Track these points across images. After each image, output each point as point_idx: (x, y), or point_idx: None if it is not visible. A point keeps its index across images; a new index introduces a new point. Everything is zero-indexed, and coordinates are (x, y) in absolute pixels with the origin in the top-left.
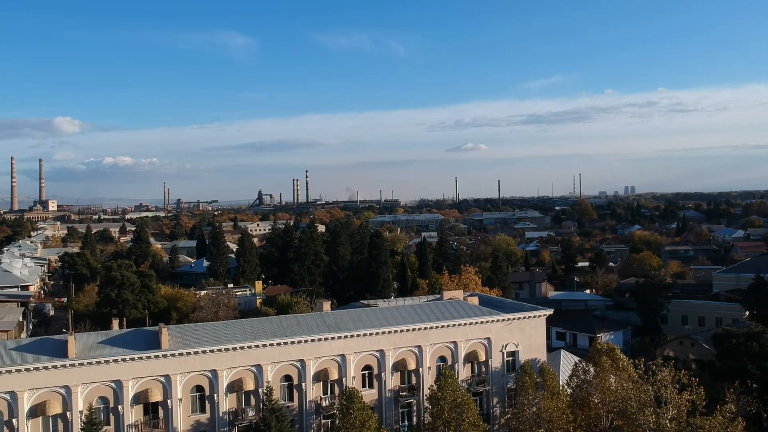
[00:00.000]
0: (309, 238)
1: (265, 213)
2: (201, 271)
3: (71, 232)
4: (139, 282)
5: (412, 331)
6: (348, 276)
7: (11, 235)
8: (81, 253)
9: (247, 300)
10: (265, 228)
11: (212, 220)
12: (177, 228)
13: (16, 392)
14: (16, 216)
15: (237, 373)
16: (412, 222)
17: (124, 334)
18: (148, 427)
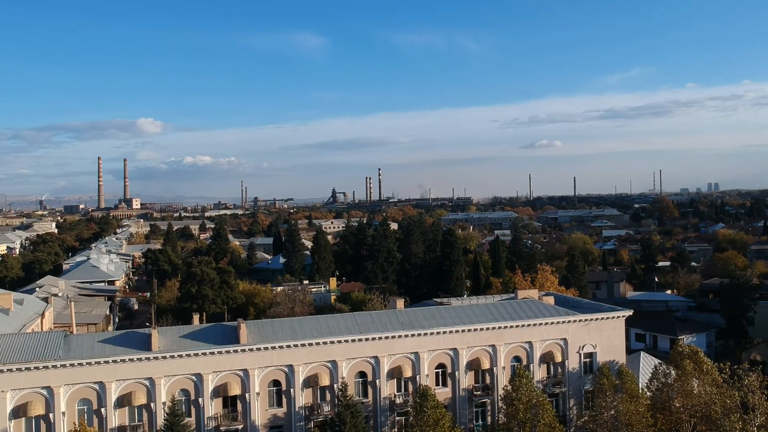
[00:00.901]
0: (382, 235)
1: (339, 211)
2: (277, 268)
3: (154, 230)
4: (218, 278)
5: (486, 330)
6: (421, 274)
7: (98, 232)
8: (163, 250)
9: (321, 296)
10: (339, 226)
11: (288, 218)
12: (254, 225)
13: (104, 383)
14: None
15: (313, 368)
16: (485, 220)
17: (204, 329)
18: (227, 420)
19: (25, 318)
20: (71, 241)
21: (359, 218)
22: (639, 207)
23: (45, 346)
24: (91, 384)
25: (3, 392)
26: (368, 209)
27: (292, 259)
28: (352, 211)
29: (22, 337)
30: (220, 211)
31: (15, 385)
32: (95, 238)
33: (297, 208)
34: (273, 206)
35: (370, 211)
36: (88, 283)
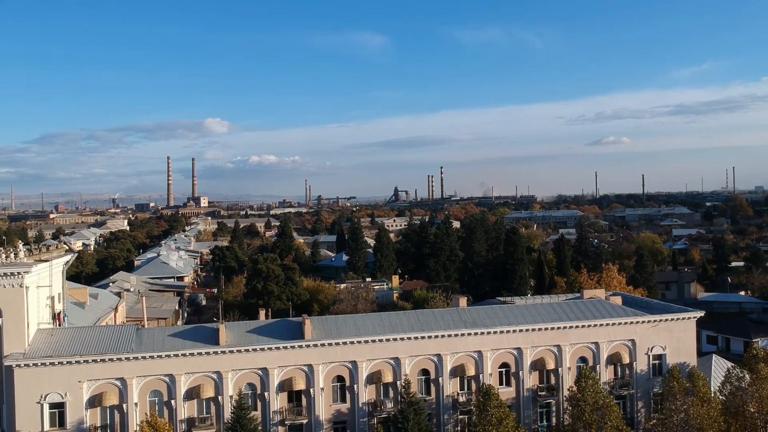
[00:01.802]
0: (444, 233)
1: (401, 209)
2: (341, 265)
3: (221, 227)
4: (283, 275)
5: (551, 330)
6: (483, 272)
7: (168, 229)
8: (230, 247)
9: (384, 294)
10: (401, 224)
11: (351, 216)
12: (318, 223)
13: (174, 375)
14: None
15: (376, 365)
16: (549, 218)
17: (270, 324)
18: (292, 415)
19: (100, 312)
20: (142, 238)
21: (421, 216)
22: (711, 205)
23: (118, 339)
24: (161, 376)
25: (80, 382)
26: (430, 207)
27: (355, 257)
28: (414, 210)
29: (97, 330)
30: (285, 210)
31: (91, 376)
32: (165, 236)
33: (359, 207)
34: (336, 204)
35: (432, 209)
36: (159, 278)
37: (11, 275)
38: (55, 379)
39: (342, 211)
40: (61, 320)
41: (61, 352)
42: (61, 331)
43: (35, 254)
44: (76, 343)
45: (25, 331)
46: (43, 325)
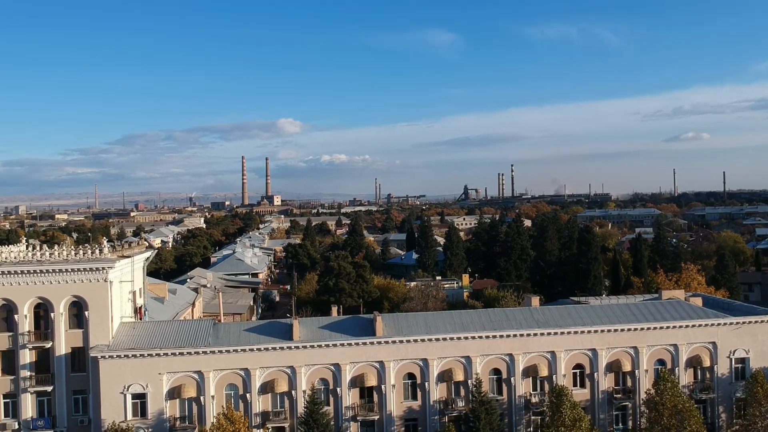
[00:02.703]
0: (515, 232)
1: (471, 207)
2: (410, 263)
3: (293, 225)
4: (354, 272)
5: (628, 331)
6: (556, 272)
7: (242, 227)
8: (302, 245)
9: (454, 292)
10: (471, 222)
11: (420, 215)
12: (388, 222)
13: (249, 369)
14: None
15: (447, 363)
16: (625, 217)
17: (341, 321)
18: (364, 411)
19: (178, 306)
20: (218, 236)
21: (492, 215)
22: None
23: (196, 333)
24: (237, 370)
25: (160, 374)
26: (501, 206)
27: (425, 255)
28: (484, 208)
29: (176, 324)
30: (355, 208)
31: (170, 368)
32: (240, 233)
33: (429, 205)
34: (406, 203)
35: (503, 207)
36: (234, 275)
37: (96, 270)
38: (137, 370)
39: (412, 210)
40: (142, 314)
41: (142, 345)
42: (143, 324)
43: (118, 251)
44: (157, 337)
45: (109, 324)
46: (126, 319)
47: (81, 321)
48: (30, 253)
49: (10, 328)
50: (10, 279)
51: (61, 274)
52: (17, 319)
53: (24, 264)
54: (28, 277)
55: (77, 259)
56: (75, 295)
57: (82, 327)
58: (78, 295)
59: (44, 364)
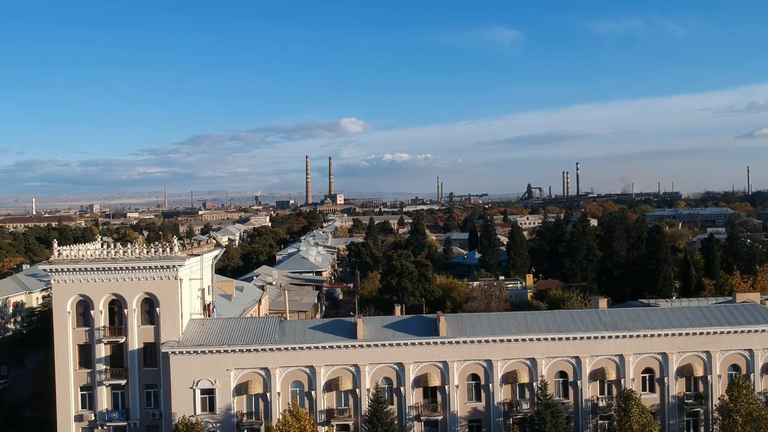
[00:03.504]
0: (581, 232)
1: (535, 206)
2: (473, 263)
3: (356, 224)
4: (417, 271)
5: (700, 335)
6: (623, 273)
7: (306, 225)
8: (365, 243)
9: (518, 293)
10: (535, 221)
11: (483, 214)
12: (450, 221)
13: (315, 367)
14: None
15: (511, 365)
16: (696, 216)
17: (405, 320)
18: (427, 410)
19: (245, 304)
20: (283, 234)
21: (556, 214)
22: None
23: (263, 330)
24: (303, 367)
25: (228, 370)
26: (565, 205)
27: (488, 255)
28: (548, 207)
29: (243, 321)
30: (417, 207)
31: (238, 365)
32: (304, 232)
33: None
34: (468, 202)
35: (568, 206)
36: (298, 273)
37: (167, 268)
38: (206, 366)
39: (474, 209)
40: (211, 311)
41: (211, 342)
42: (211, 321)
43: (188, 249)
44: (225, 333)
45: (179, 321)
46: (195, 316)
47: (153, 317)
48: (105, 251)
49: (86, 323)
50: (86, 276)
51: (134, 272)
52: (93, 314)
53: (99, 262)
54: (103, 275)
55: (149, 257)
56: (147, 292)
57: (153, 323)
58: (150, 292)
59: (118, 359)
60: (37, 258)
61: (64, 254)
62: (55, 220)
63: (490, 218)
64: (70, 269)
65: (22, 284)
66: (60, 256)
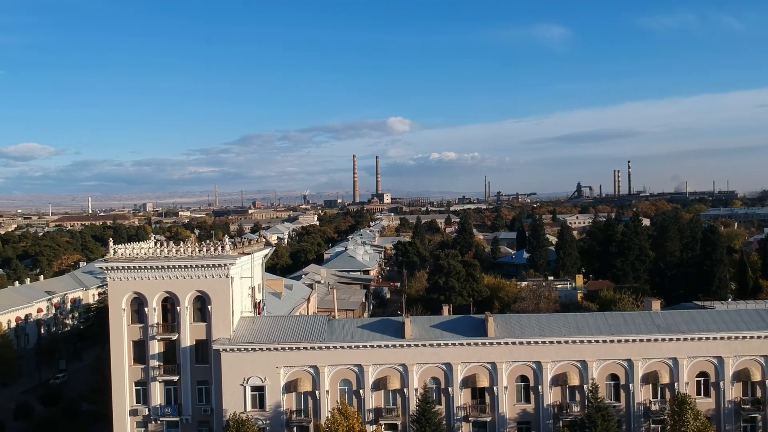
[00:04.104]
0: (633, 232)
1: (585, 205)
2: (521, 263)
3: (403, 223)
4: (464, 271)
5: (758, 339)
6: (676, 274)
7: (354, 224)
8: (412, 242)
9: (567, 293)
10: (585, 221)
11: (531, 213)
12: (498, 220)
13: (363, 366)
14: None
15: (561, 366)
16: (753, 216)
17: (452, 320)
18: (475, 411)
19: (294, 302)
20: (330, 233)
21: (607, 213)
22: None
23: (312, 329)
24: (351, 366)
25: (277, 368)
26: (616, 204)
27: (536, 255)
28: (598, 206)
29: (292, 320)
30: (464, 206)
31: (287, 363)
32: (351, 230)
33: (540, 203)
34: (516, 201)
35: (619, 205)
36: (346, 271)
37: (219, 266)
38: (256, 363)
39: (522, 208)
40: (261, 309)
41: (261, 339)
42: (261, 319)
43: (238, 247)
44: (275, 331)
45: (230, 318)
46: (246, 313)
47: (204, 315)
48: (158, 250)
49: (140, 320)
50: (141, 274)
51: (187, 270)
52: (147, 311)
53: (153, 260)
54: (157, 272)
55: (201, 255)
56: (199, 289)
57: (205, 320)
58: (202, 290)
59: (171, 355)
60: (93, 256)
61: (119, 253)
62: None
63: (538, 217)
64: (125, 267)
65: (79, 281)
66: (115, 254)
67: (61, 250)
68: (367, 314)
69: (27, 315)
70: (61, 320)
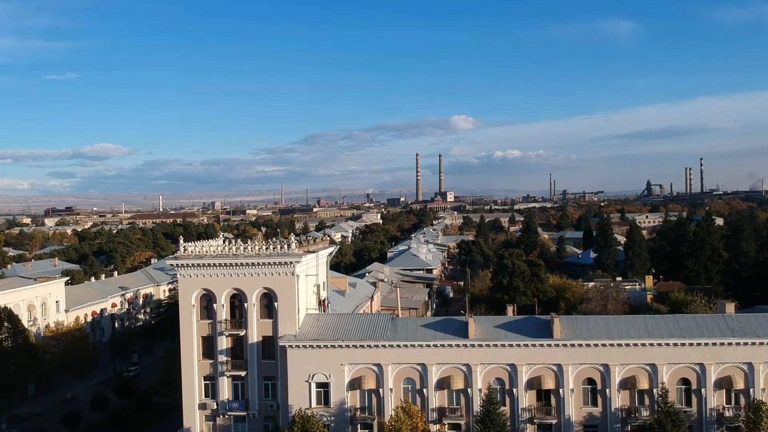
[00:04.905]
0: (705, 231)
1: (655, 204)
2: (588, 263)
3: (466, 221)
4: (529, 271)
5: None
6: (752, 275)
7: (417, 223)
8: (475, 241)
9: (636, 295)
10: (655, 220)
11: (599, 211)
12: (563, 219)
13: (426, 365)
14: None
15: (630, 370)
16: None
17: (517, 321)
18: (540, 413)
19: (358, 300)
20: (394, 231)
21: (678, 212)
22: None
23: (375, 327)
24: (414, 365)
25: (342, 365)
26: (688, 202)
27: (604, 255)
28: (669, 205)
29: (356, 317)
30: (529, 204)
31: (351, 360)
32: (414, 229)
33: (608, 201)
34: (582, 199)
35: (691, 204)
36: (409, 270)
37: (285, 264)
38: (321, 360)
39: (589, 206)
40: (326, 306)
41: (326, 336)
42: (326, 316)
43: (304, 246)
44: (339, 329)
45: (296, 316)
46: (311, 311)
47: (271, 311)
48: (226, 248)
49: (209, 316)
50: (210, 271)
51: (254, 267)
52: (216, 308)
53: (222, 257)
54: (225, 270)
55: (268, 253)
56: (265, 287)
57: (271, 317)
58: (268, 287)
59: (238, 351)
60: (164, 252)
61: (189, 250)
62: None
63: (606, 216)
64: (195, 264)
65: (150, 277)
66: (186, 252)
67: (134, 247)
68: (430, 313)
69: (102, 309)
70: (133, 315)
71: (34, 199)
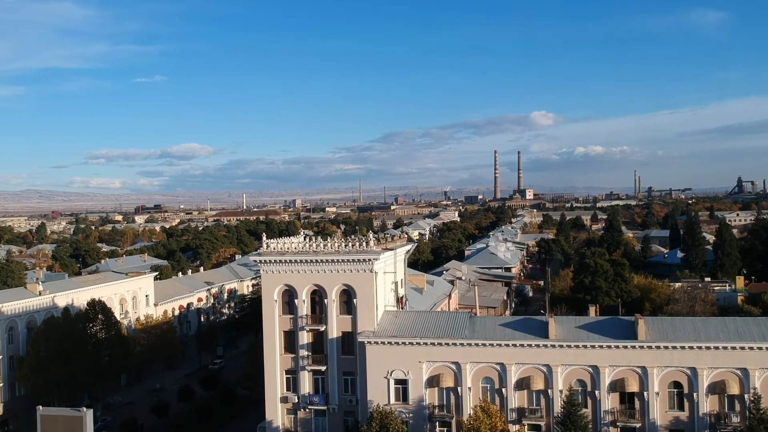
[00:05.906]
0: None
1: (746, 202)
2: (674, 262)
3: (546, 219)
4: (612, 270)
5: None
6: None
7: (495, 221)
8: (556, 240)
9: (726, 296)
10: (746, 218)
11: (686, 209)
12: (648, 217)
13: (505, 364)
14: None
15: (719, 374)
16: None
17: (599, 321)
18: (624, 417)
19: (436, 297)
20: (471, 229)
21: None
22: None
23: (453, 325)
24: (493, 364)
25: (420, 362)
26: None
27: (691, 254)
28: (762, 202)
29: (434, 315)
30: (612, 202)
31: (429, 357)
32: (492, 227)
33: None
34: (668, 196)
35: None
36: (487, 268)
37: (364, 261)
38: (399, 357)
39: (676, 204)
40: (403, 304)
41: (404, 333)
42: (404, 314)
43: (382, 243)
44: (417, 326)
45: (374, 312)
46: (389, 308)
47: (350, 308)
48: (307, 245)
49: (291, 311)
50: (291, 267)
51: (333, 264)
52: (297, 303)
53: (303, 254)
54: (306, 266)
55: (347, 250)
56: (345, 283)
57: (350, 313)
58: (347, 284)
59: (319, 346)
60: (247, 249)
61: (271, 247)
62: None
63: (694, 214)
64: (277, 261)
65: (235, 273)
66: (268, 248)
67: (219, 244)
68: (509, 312)
69: (189, 304)
70: (218, 309)
71: (125, 197)
